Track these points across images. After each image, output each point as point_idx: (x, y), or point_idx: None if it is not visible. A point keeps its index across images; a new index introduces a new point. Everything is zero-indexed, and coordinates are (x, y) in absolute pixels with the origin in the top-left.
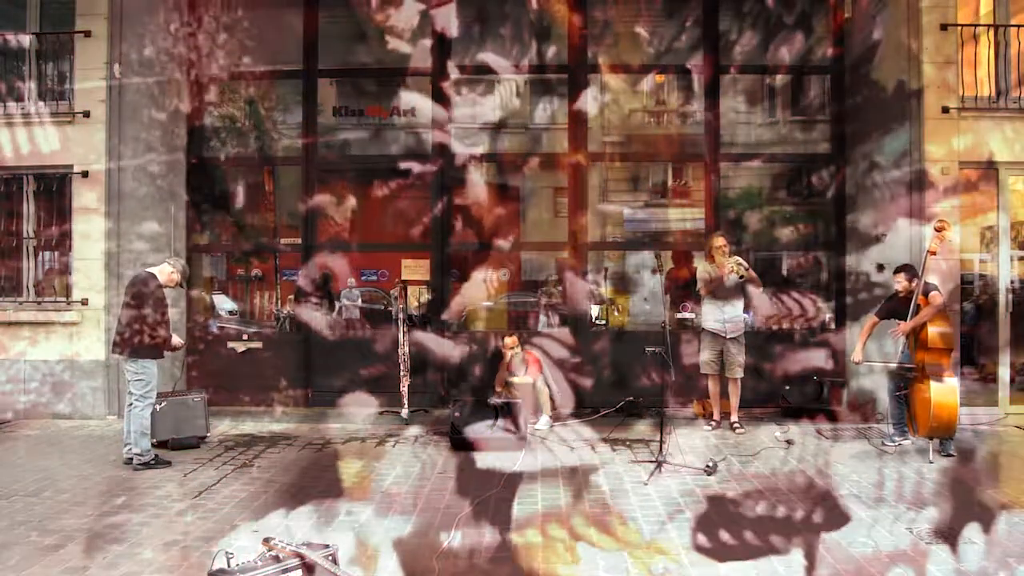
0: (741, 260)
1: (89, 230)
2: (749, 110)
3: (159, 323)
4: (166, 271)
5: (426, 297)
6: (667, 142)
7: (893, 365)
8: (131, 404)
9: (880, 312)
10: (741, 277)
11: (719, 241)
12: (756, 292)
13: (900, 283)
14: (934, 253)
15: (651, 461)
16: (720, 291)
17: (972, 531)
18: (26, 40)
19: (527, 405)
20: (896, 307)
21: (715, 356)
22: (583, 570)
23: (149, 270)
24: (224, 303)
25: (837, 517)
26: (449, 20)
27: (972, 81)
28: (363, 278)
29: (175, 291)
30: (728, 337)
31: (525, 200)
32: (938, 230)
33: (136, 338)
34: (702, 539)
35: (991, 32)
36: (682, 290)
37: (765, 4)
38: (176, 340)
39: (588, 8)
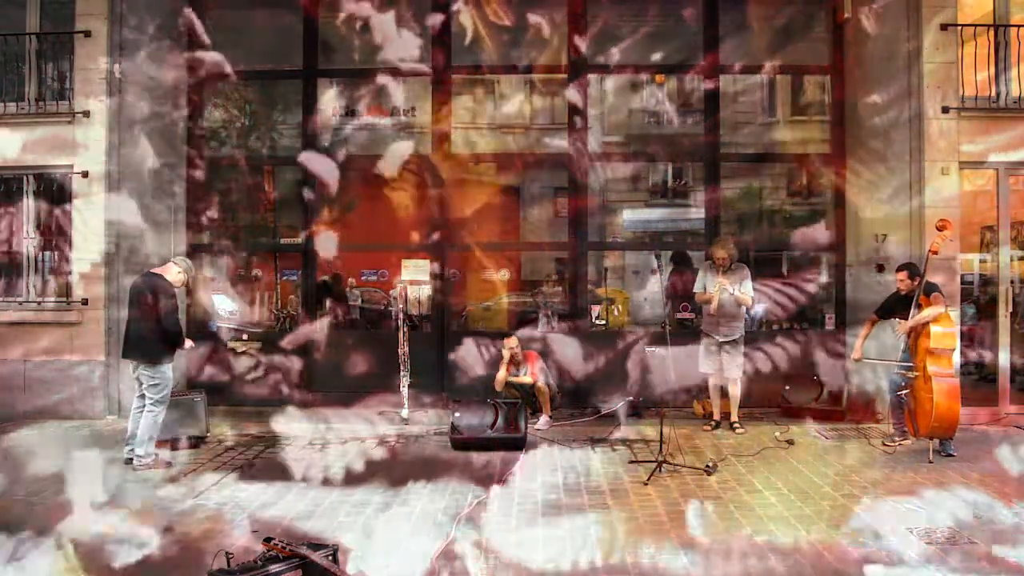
0: (726, 285)
1: (89, 230)
2: (749, 110)
3: (172, 324)
4: (172, 271)
5: (426, 297)
6: (667, 142)
7: (893, 364)
8: (144, 408)
9: (880, 311)
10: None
11: (719, 253)
12: (747, 305)
13: (902, 282)
14: (936, 252)
15: (651, 461)
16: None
17: None
18: (26, 40)
19: (527, 405)
20: (897, 306)
21: (714, 357)
22: None
23: (154, 271)
24: (224, 303)
25: None
26: (449, 20)
27: (972, 81)
28: (363, 278)
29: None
30: (727, 340)
31: (524, 199)
32: (940, 229)
33: (149, 344)
34: None
35: (991, 32)
36: (682, 291)
37: (766, 4)
38: (188, 342)
39: (589, 7)
